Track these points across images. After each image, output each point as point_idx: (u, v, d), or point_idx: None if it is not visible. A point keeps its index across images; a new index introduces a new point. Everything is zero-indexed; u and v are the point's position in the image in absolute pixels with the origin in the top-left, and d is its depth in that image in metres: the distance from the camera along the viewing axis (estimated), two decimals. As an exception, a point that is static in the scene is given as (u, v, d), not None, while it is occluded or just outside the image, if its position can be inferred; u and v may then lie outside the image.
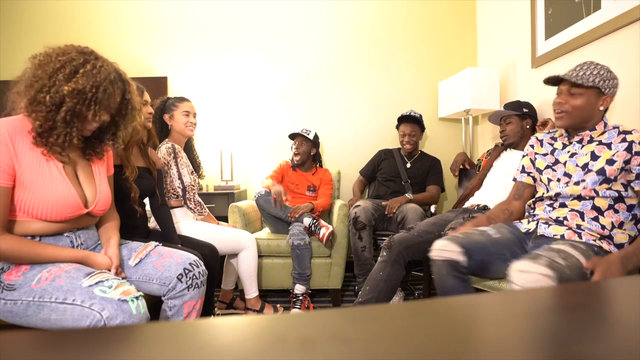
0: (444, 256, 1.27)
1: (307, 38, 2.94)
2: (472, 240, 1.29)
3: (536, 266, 1.02)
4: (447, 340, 0.28)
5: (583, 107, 1.28)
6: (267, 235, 2.23)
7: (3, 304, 0.97)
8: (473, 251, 1.26)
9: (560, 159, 1.37)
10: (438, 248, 1.30)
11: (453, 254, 1.26)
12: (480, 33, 2.92)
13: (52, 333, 0.29)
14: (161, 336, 0.29)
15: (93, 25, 2.92)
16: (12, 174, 0.97)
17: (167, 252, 1.27)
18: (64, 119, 1.00)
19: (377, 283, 1.73)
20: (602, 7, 1.70)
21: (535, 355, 0.25)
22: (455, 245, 1.27)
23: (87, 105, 1.02)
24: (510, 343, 0.27)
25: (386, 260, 1.76)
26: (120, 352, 0.27)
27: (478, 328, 0.32)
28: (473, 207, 1.86)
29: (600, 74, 1.26)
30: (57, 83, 0.98)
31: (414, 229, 1.83)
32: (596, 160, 1.26)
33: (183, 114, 1.91)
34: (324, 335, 0.28)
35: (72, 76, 1.00)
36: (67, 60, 1.01)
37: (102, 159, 1.21)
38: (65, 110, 0.99)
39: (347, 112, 2.97)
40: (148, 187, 1.52)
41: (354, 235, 2.12)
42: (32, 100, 0.99)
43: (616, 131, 1.28)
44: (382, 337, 0.28)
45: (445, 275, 1.26)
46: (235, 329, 0.30)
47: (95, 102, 1.03)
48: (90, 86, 1.01)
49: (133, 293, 0.97)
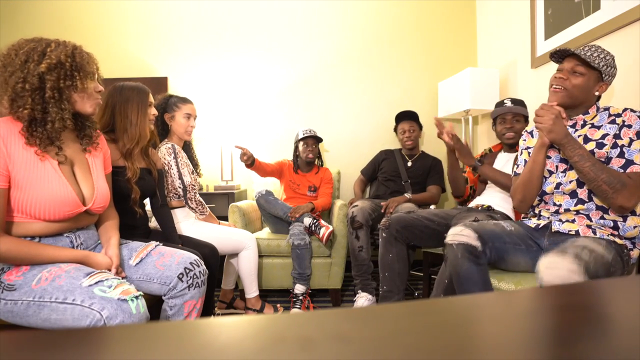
0: (459, 240, 1.27)
1: (308, 38, 2.94)
2: (486, 229, 1.30)
3: (564, 262, 1.01)
4: (447, 340, 0.28)
5: (582, 87, 1.27)
6: (268, 235, 2.23)
7: (3, 304, 0.97)
8: (488, 238, 1.27)
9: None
10: (453, 233, 1.30)
11: (468, 238, 1.26)
12: (480, 33, 2.92)
13: (51, 333, 0.30)
14: (161, 336, 0.29)
15: (93, 26, 2.92)
16: (6, 175, 0.97)
17: (168, 252, 1.27)
18: (53, 97, 0.99)
19: (391, 265, 1.80)
20: (601, 8, 1.70)
21: (536, 355, 0.25)
22: (470, 231, 1.27)
23: (71, 75, 1.02)
24: (511, 343, 0.27)
25: (387, 239, 1.81)
26: (120, 352, 0.27)
27: (478, 328, 0.32)
28: (477, 207, 1.86)
29: (605, 59, 1.25)
30: (30, 69, 0.98)
31: (413, 213, 1.85)
32: (587, 143, 1.26)
33: (184, 117, 1.88)
34: (324, 335, 0.28)
35: (42, 57, 1.00)
36: (30, 49, 1.00)
37: (98, 148, 1.21)
38: (50, 88, 0.99)
39: (347, 112, 2.97)
40: (149, 188, 1.52)
41: (351, 235, 2.12)
42: (13, 95, 0.98)
43: (606, 113, 1.28)
44: (382, 337, 0.28)
45: (460, 258, 1.26)
46: (236, 328, 0.30)
47: (76, 69, 1.03)
48: (65, 56, 1.01)
49: (133, 292, 0.97)
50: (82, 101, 1.08)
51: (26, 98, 0.98)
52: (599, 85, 1.28)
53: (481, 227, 1.31)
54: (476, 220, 1.60)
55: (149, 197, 1.62)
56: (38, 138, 1.01)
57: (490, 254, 1.27)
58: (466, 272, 1.24)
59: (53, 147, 1.04)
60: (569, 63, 1.29)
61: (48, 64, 0.98)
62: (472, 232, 1.27)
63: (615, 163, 1.20)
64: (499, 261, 1.31)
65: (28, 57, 0.99)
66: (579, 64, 1.27)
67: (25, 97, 0.98)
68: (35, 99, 0.98)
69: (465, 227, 1.30)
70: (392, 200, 2.26)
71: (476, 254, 1.24)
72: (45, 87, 0.99)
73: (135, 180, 1.40)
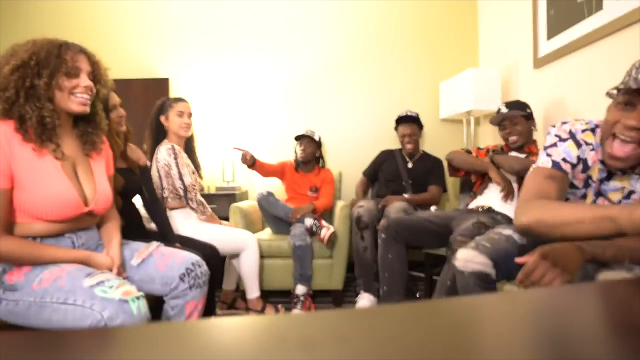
0: (472, 268, 1.16)
1: (309, 39, 2.95)
2: (500, 250, 1.18)
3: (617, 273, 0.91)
4: (448, 340, 0.28)
5: None
6: (269, 236, 2.23)
7: (5, 305, 0.97)
8: (502, 261, 1.16)
9: (606, 192, 1.08)
10: (465, 258, 1.18)
11: (484, 266, 1.14)
12: (481, 34, 2.92)
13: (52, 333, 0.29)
14: (162, 336, 0.29)
15: (95, 26, 2.93)
16: (9, 175, 0.96)
17: (170, 252, 1.27)
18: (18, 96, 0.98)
19: (391, 265, 1.81)
20: (604, 8, 1.69)
21: (537, 355, 0.25)
22: (484, 257, 1.15)
23: (38, 73, 1.00)
24: (513, 344, 0.27)
25: (386, 240, 1.82)
26: (121, 353, 0.27)
27: (479, 328, 0.31)
28: (478, 208, 1.85)
29: None
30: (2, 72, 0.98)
31: (412, 214, 1.85)
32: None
33: (177, 114, 1.91)
34: (326, 336, 0.28)
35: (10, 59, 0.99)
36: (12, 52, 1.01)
37: (101, 152, 1.20)
38: (13, 87, 0.98)
39: (348, 113, 2.97)
40: (134, 187, 1.54)
41: (356, 235, 2.12)
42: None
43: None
44: (383, 337, 0.28)
45: (472, 286, 1.16)
46: (237, 329, 0.30)
47: (43, 67, 1.00)
48: (30, 54, 1.00)
49: (134, 293, 0.97)
50: (60, 98, 1.05)
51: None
52: None
53: (494, 249, 1.17)
54: (478, 222, 1.58)
55: (139, 195, 1.64)
56: (32, 134, 1.00)
57: (502, 276, 1.18)
58: None
59: (50, 144, 1.03)
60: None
61: (13, 65, 0.98)
62: (487, 260, 1.14)
63: None
64: (509, 278, 1.24)
65: (7, 61, 0.99)
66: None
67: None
68: (2, 99, 0.98)
69: (479, 252, 1.16)
70: (390, 197, 2.28)
71: (490, 281, 1.15)
72: (9, 86, 0.98)
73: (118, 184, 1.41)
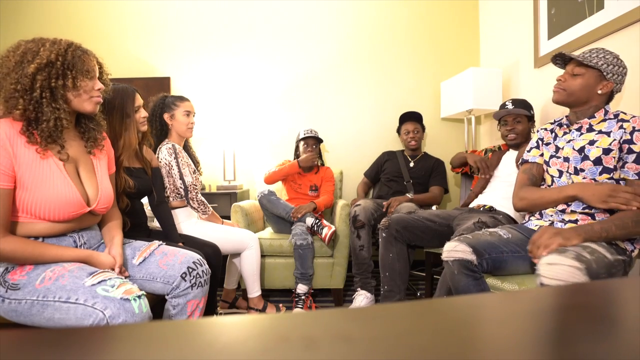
0: (454, 256, 1.30)
1: (310, 38, 2.94)
2: (481, 241, 1.32)
3: (565, 259, 1.01)
4: (449, 340, 0.28)
5: (581, 86, 1.32)
6: (270, 235, 2.23)
7: (7, 304, 0.98)
8: (483, 250, 1.29)
9: (559, 144, 1.40)
10: (448, 250, 1.33)
11: (464, 253, 1.28)
12: (482, 33, 2.91)
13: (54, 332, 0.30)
14: (163, 335, 0.29)
15: (96, 26, 2.93)
16: (12, 175, 0.97)
17: (171, 251, 1.27)
18: (44, 97, 0.99)
19: (392, 265, 1.82)
20: (605, 7, 1.69)
21: (537, 355, 0.25)
22: (464, 246, 1.30)
23: (63, 74, 1.01)
24: (512, 343, 0.27)
25: (387, 239, 1.83)
26: (123, 351, 0.27)
27: (480, 328, 0.32)
28: (479, 207, 1.85)
29: (605, 57, 1.29)
30: (23, 70, 0.98)
31: (414, 214, 1.85)
32: (592, 146, 1.28)
33: (184, 114, 1.90)
34: (327, 334, 0.28)
35: (34, 57, 0.99)
36: (25, 50, 1.00)
37: (103, 150, 1.21)
38: (40, 88, 0.98)
39: (349, 113, 2.97)
40: (145, 187, 1.53)
41: (353, 234, 2.13)
42: (6, 97, 0.98)
43: (616, 119, 1.29)
44: (385, 336, 0.28)
45: (457, 274, 1.29)
46: (238, 328, 0.30)
47: (68, 68, 1.02)
48: (55, 55, 1.00)
49: (135, 292, 0.98)
50: (77, 100, 1.07)
51: (17, 99, 0.97)
52: (602, 83, 1.30)
53: (476, 239, 1.33)
54: (479, 222, 1.60)
55: (147, 196, 1.63)
56: (38, 137, 1.00)
57: (487, 265, 1.29)
58: (464, 287, 1.28)
59: (55, 145, 1.04)
60: (569, 66, 1.37)
61: (38, 64, 0.98)
62: (467, 247, 1.29)
63: (630, 168, 1.21)
64: (497, 270, 1.32)
65: (22, 58, 0.99)
66: (577, 65, 1.33)
67: (16, 97, 0.97)
68: (27, 99, 0.98)
69: (459, 242, 1.32)
70: (394, 199, 2.26)
71: (472, 268, 1.27)
72: (35, 87, 0.98)
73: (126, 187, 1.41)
